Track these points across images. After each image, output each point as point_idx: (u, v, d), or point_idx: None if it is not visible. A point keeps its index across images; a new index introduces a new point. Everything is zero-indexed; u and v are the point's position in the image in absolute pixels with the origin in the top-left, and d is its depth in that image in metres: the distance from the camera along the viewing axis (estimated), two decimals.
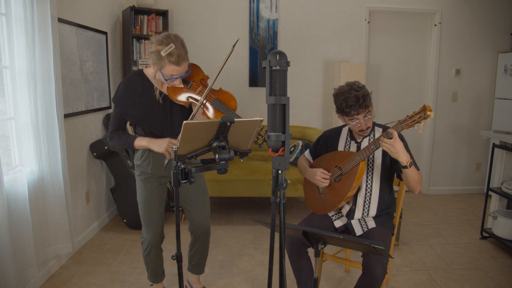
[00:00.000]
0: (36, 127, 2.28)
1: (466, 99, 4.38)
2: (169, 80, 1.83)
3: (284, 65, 1.19)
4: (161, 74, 1.80)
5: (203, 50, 4.01)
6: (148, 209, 2.04)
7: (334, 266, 2.72)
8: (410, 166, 1.77)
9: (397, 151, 1.73)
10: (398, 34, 4.27)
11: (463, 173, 4.52)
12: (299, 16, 4.12)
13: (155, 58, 1.78)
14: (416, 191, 1.87)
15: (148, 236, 2.07)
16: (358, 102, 1.83)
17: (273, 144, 1.22)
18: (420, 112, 1.70)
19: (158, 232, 2.09)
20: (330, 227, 2.08)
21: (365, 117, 1.89)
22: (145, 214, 2.05)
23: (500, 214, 2.96)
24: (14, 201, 2.11)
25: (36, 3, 2.18)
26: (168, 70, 1.78)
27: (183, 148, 1.50)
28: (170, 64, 1.76)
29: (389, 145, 1.73)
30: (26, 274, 2.18)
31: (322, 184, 2.02)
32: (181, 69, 1.80)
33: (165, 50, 1.73)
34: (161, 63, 1.77)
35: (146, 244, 2.09)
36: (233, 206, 3.96)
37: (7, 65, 2.18)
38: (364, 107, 1.84)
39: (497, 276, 2.58)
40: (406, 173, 1.80)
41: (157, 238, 2.09)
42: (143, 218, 2.06)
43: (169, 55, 1.74)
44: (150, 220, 2.05)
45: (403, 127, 1.75)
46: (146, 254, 2.12)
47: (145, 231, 2.08)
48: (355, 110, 1.84)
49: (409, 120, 1.73)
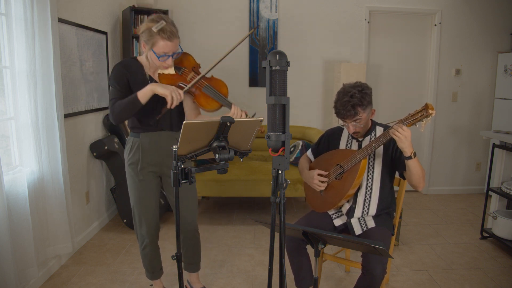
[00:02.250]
0: (36, 127, 2.28)
1: (466, 99, 4.38)
2: (161, 58, 1.80)
3: (284, 65, 1.19)
4: (153, 53, 1.79)
5: (203, 50, 4.01)
6: (142, 203, 2.03)
7: (334, 266, 2.72)
8: (414, 157, 1.77)
9: (407, 142, 1.73)
10: (398, 34, 4.27)
11: (463, 173, 4.52)
12: (299, 16, 4.12)
13: (146, 36, 1.78)
14: (420, 187, 1.87)
15: (142, 231, 2.07)
16: (345, 109, 1.89)
17: (273, 144, 1.22)
18: (422, 110, 1.71)
19: (153, 227, 2.08)
20: (329, 225, 2.08)
21: (353, 122, 1.93)
22: (139, 208, 2.04)
23: (500, 214, 2.96)
24: (14, 201, 2.10)
25: (36, 3, 2.18)
26: (160, 47, 1.78)
27: (183, 148, 1.50)
28: (162, 40, 1.76)
29: (402, 135, 1.72)
30: (26, 274, 2.18)
31: (318, 188, 2.04)
32: (173, 46, 1.80)
33: (156, 26, 1.75)
34: (153, 40, 1.77)
35: (142, 240, 2.09)
36: (233, 206, 3.96)
37: (7, 65, 2.18)
38: (350, 116, 1.90)
39: (497, 276, 2.58)
40: (410, 165, 1.80)
41: (152, 232, 2.09)
42: (137, 213, 2.05)
43: (161, 31, 1.75)
44: (144, 214, 2.05)
45: (405, 125, 1.75)
46: (142, 249, 2.12)
47: (139, 226, 2.08)
48: (342, 116, 1.94)
49: (411, 118, 1.74)
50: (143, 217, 2.06)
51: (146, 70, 1.94)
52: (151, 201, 2.06)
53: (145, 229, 2.07)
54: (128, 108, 1.82)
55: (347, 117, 1.92)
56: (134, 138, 2.00)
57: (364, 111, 1.91)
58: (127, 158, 2.02)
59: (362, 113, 1.91)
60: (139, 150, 1.98)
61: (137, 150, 1.99)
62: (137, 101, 1.79)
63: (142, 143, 1.98)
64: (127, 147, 2.02)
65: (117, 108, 1.83)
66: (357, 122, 1.93)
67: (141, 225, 2.07)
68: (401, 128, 1.72)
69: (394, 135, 1.74)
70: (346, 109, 1.89)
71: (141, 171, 2.00)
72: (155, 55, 1.80)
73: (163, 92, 1.76)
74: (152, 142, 1.99)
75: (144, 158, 1.99)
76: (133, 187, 2.03)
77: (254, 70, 4.14)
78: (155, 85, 1.78)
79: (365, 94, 1.91)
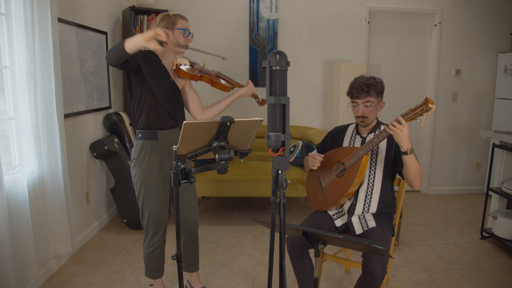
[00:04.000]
0: (36, 127, 2.28)
1: (466, 99, 4.38)
2: (185, 33, 1.95)
3: (284, 65, 1.20)
4: (177, 30, 1.94)
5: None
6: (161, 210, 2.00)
7: (334, 266, 2.72)
8: (411, 153, 1.79)
9: (404, 136, 1.75)
10: (398, 34, 4.27)
11: (463, 173, 4.52)
12: (299, 16, 4.12)
13: (165, 21, 1.94)
14: (416, 186, 1.87)
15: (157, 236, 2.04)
16: (361, 87, 1.94)
17: (273, 144, 1.22)
18: (422, 105, 1.72)
19: (165, 231, 2.07)
20: (331, 226, 2.08)
21: (365, 103, 1.96)
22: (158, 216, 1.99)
23: (500, 214, 2.96)
24: (14, 201, 2.10)
25: (36, 3, 2.18)
26: (181, 24, 1.96)
27: (183, 148, 1.50)
28: (181, 18, 1.97)
29: (398, 129, 1.74)
30: (26, 274, 2.18)
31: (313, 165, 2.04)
32: (188, 25, 2.00)
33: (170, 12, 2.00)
34: (173, 20, 1.95)
35: (155, 244, 2.06)
36: (233, 206, 3.96)
37: (7, 65, 2.18)
38: (365, 93, 1.94)
39: (497, 276, 2.58)
40: (406, 161, 1.81)
41: (164, 236, 2.07)
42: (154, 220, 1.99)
43: (176, 14, 1.99)
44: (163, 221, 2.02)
45: (405, 120, 1.76)
46: (151, 251, 2.08)
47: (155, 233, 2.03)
48: (357, 92, 1.95)
49: (412, 113, 1.75)
50: (163, 224, 2.03)
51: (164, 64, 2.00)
52: (166, 206, 2.04)
53: (161, 233, 2.05)
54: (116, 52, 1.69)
55: (360, 96, 1.95)
56: (151, 141, 1.93)
57: (377, 97, 1.96)
58: (143, 165, 1.93)
59: (374, 97, 1.95)
60: (158, 153, 1.93)
61: (156, 153, 1.93)
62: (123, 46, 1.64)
63: (161, 144, 1.93)
64: (142, 153, 1.93)
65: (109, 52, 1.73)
66: (368, 104, 1.95)
67: (157, 231, 2.03)
68: (397, 122, 1.74)
69: (390, 130, 1.75)
70: (361, 88, 1.94)
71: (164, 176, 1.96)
72: (180, 30, 1.95)
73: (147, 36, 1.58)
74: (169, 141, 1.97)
75: (165, 160, 1.96)
76: (151, 196, 1.97)
77: (254, 70, 4.14)
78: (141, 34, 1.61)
79: (380, 84, 1.98)
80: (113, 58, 1.72)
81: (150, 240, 2.07)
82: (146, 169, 1.95)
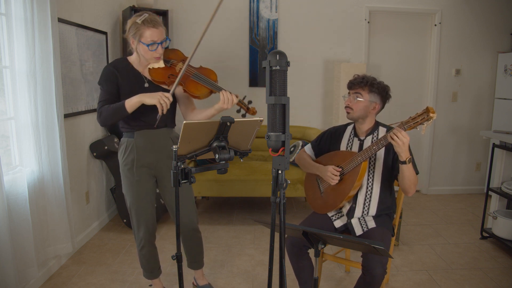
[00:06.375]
0: (36, 127, 2.28)
1: (466, 99, 4.38)
2: (151, 47, 1.83)
3: (284, 65, 1.19)
4: (142, 44, 1.84)
5: (202, 50, 4.00)
6: (139, 204, 2.03)
7: (334, 266, 2.72)
8: (408, 162, 1.78)
9: (404, 147, 1.74)
10: (398, 34, 4.27)
11: (463, 173, 4.52)
12: (299, 16, 4.12)
13: (133, 30, 1.84)
14: (409, 193, 1.87)
15: (140, 232, 2.07)
16: (357, 79, 1.98)
17: (273, 144, 1.22)
18: (423, 113, 1.70)
19: (150, 227, 2.08)
20: (330, 227, 2.08)
21: (354, 94, 1.98)
22: (136, 210, 2.03)
23: (500, 214, 2.96)
24: (14, 201, 2.10)
25: (36, 3, 2.18)
26: (148, 36, 1.82)
27: (183, 148, 1.50)
28: (148, 29, 1.81)
29: (400, 140, 1.71)
30: (26, 274, 2.18)
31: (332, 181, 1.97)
32: (159, 33, 1.85)
33: (140, 18, 1.82)
34: (140, 32, 1.83)
35: (139, 241, 2.09)
36: (233, 206, 3.96)
37: (7, 65, 2.18)
38: (358, 84, 1.97)
39: (497, 276, 2.58)
40: (403, 170, 1.81)
41: (149, 233, 2.08)
42: (134, 214, 2.05)
43: (145, 21, 1.81)
44: (142, 216, 2.04)
45: (405, 129, 1.75)
46: (140, 250, 2.12)
47: (137, 228, 2.08)
48: (351, 83, 2.00)
49: (412, 122, 1.73)
50: (141, 218, 2.05)
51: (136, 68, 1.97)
52: (147, 201, 2.06)
53: (143, 229, 2.07)
54: (114, 115, 1.85)
55: (352, 87, 1.99)
56: (128, 139, 2.00)
57: (369, 93, 1.96)
58: (121, 159, 2.02)
59: (366, 92, 1.95)
60: (134, 150, 1.98)
61: (132, 150, 1.98)
62: (124, 110, 1.82)
63: (137, 143, 1.98)
64: (121, 148, 2.02)
65: (104, 112, 1.86)
66: (357, 96, 1.96)
67: (139, 227, 2.07)
68: (400, 133, 1.72)
69: (392, 140, 1.74)
70: (357, 80, 1.98)
71: (136, 171, 1.99)
72: (144, 45, 1.84)
73: (150, 101, 1.79)
74: (147, 140, 1.99)
75: (139, 157, 1.99)
76: (129, 189, 2.03)
77: (254, 70, 4.14)
78: (142, 95, 1.81)
79: (379, 85, 1.98)
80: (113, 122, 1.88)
81: (136, 237, 2.10)
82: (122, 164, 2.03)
